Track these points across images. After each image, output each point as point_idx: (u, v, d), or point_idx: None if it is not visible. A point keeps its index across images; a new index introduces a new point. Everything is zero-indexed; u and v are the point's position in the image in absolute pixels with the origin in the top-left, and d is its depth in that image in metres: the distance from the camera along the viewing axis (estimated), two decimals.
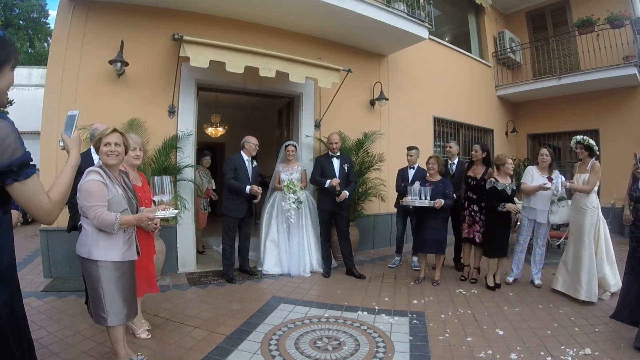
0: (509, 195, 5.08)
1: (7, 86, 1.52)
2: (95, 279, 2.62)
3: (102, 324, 2.69)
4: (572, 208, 4.97)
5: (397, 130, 8.16)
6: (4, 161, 1.41)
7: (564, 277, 4.91)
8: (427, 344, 3.55)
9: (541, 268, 5.41)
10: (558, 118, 10.75)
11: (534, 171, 5.35)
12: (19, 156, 1.45)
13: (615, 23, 8.92)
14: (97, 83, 5.35)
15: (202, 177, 6.70)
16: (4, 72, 1.50)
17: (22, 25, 23.04)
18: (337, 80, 6.42)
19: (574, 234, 4.86)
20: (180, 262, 5.81)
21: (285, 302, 4.60)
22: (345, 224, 5.90)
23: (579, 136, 4.96)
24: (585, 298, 4.51)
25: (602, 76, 9.10)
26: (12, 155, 1.43)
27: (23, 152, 1.47)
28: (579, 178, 4.88)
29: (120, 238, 2.70)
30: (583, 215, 4.74)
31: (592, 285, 4.54)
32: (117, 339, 2.77)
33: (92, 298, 2.68)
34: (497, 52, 11.20)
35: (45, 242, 5.09)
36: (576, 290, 4.63)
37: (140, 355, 3.14)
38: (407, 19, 6.99)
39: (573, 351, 3.37)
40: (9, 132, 1.43)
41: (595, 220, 4.73)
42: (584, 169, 4.88)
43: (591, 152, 4.88)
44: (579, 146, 4.93)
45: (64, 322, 3.73)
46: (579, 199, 4.83)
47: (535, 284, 5.29)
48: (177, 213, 2.98)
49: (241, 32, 6.23)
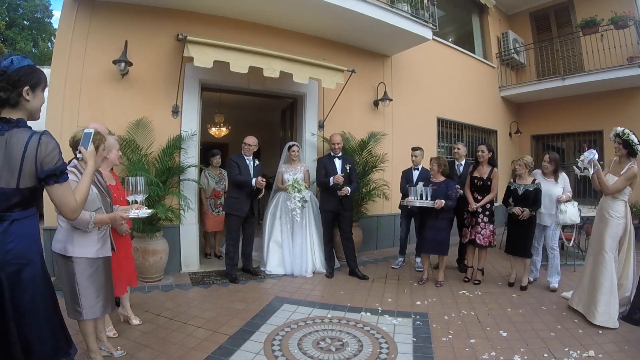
0: (519, 195, 5.13)
1: (40, 104, 1.96)
2: (70, 275, 2.72)
3: (78, 318, 2.76)
4: (596, 214, 4.37)
5: (400, 130, 8.15)
6: (50, 167, 1.84)
7: (579, 294, 4.33)
8: (430, 345, 3.54)
9: (558, 271, 5.26)
10: (562, 119, 10.70)
11: (538, 176, 5.34)
12: (60, 164, 1.89)
13: (620, 24, 8.87)
14: (101, 83, 5.35)
15: (208, 177, 6.58)
16: (37, 92, 1.92)
17: (26, 25, 23.10)
18: (340, 81, 6.42)
19: (593, 245, 4.30)
20: (184, 262, 5.82)
21: (288, 303, 4.60)
22: (348, 224, 5.90)
23: (619, 128, 4.11)
24: (600, 323, 3.90)
25: (606, 77, 9.05)
26: (57, 163, 1.87)
27: (62, 161, 1.91)
28: (609, 179, 4.17)
29: (95, 235, 2.79)
30: (604, 224, 4.12)
31: (610, 309, 3.92)
32: (87, 333, 2.83)
33: (68, 293, 2.75)
34: (501, 52, 11.16)
35: (49, 240, 5.03)
36: (591, 312, 4.03)
37: (120, 350, 3.21)
38: (411, 19, 6.97)
39: (577, 353, 3.36)
40: (55, 146, 1.88)
41: (618, 232, 4.08)
42: (618, 171, 4.14)
43: (631, 151, 4.07)
44: (617, 140, 4.13)
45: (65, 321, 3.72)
46: (603, 204, 4.21)
47: (550, 288, 5.20)
48: (151, 213, 3.02)
49: (245, 33, 6.23)
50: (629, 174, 3.99)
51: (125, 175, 4.52)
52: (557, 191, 5.19)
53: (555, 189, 5.20)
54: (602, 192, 4.26)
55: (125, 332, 3.63)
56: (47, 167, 1.83)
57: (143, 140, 5.35)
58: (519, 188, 5.18)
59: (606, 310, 3.92)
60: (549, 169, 5.25)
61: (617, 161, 4.24)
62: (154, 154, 5.41)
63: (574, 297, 4.42)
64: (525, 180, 5.19)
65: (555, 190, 5.20)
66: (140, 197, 2.86)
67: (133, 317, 3.84)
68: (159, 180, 4.99)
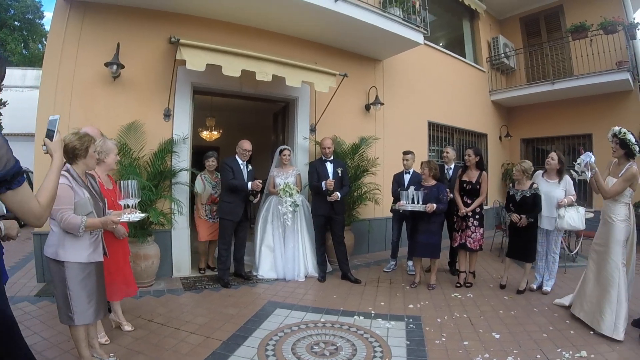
0: (517, 201, 5.15)
1: None
2: (62, 280, 2.69)
3: (69, 323, 2.73)
4: (600, 218, 4.17)
5: (392, 134, 8.19)
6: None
7: (582, 301, 4.15)
8: (424, 348, 3.55)
9: (554, 275, 5.27)
10: (551, 122, 10.82)
11: (539, 177, 5.31)
12: (11, 166, 1.49)
13: (609, 29, 8.99)
14: (93, 85, 5.31)
15: (205, 182, 6.03)
16: None
17: (17, 26, 22.95)
18: (333, 85, 6.43)
19: (597, 248, 4.11)
20: (175, 267, 5.77)
21: (281, 307, 4.58)
22: (340, 228, 5.90)
23: (617, 127, 3.96)
24: (608, 333, 3.70)
25: (595, 81, 9.18)
26: (6, 166, 1.47)
27: (14, 161, 1.51)
28: (608, 181, 4.05)
29: (86, 240, 2.77)
30: (608, 229, 3.98)
31: (616, 319, 3.71)
32: (78, 339, 2.80)
33: (60, 298, 2.72)
34: (491, 57, 11.27)
35: (39, 245, 5.00)
36: (596, 321, 3.84)
37: (112, 356, 3.18)
38: (403, 24, 7.02)
39: (569, 354, 3.39)
40: (2, 144, 1.47)
41: (622, 238, 3.90)
42: (618, 173, 3.99)
43: (628, 151, 3.93)
44: (614, 140, 3.98)
45: (58, 327, 3.65)
46: (605, 207, 4.07)
47: (542, 291, 5.20)
48: (143, 217, 3.00)
49: (237, 36, 6.23)
50: (628, 175, 3.84)
51: (117, 179, 4.49)
52: (558, 194, 5.06)
53: (556, 192, 5.07)
54: (593, 194, 4.23)
55: (118, 339, 3.59)
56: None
57: (135, 143, 5.31)
58: (516, 194, 5.19)
59: (611, 320, 3.72)
60: (552, 165, 5.13)
61: (617, 163, 4.08)
62: (145, 157, 5.37)
63: (576, 304, 4.26)
64: (524, 186, 5.18)
65: (556, 192, 5.07)
66: (131, 201, 2.85)
67: (125, 323, 3.80)
68: (150, 184, 4.97)
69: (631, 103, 9.39)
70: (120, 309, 3.83)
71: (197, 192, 5.91)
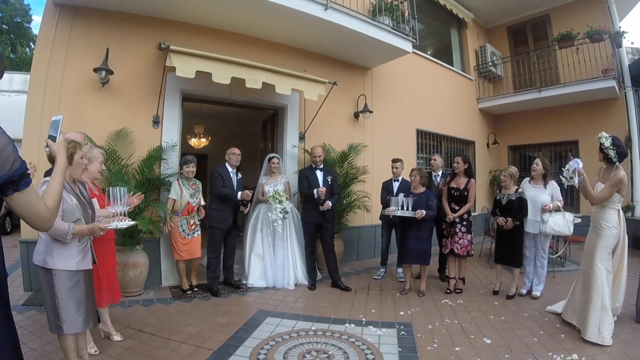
0: (503, 205, 5.25)
1: None
2: (50, 288, 2.63)
3: (58, 332, 2.68)
4: (591, 223, 4.15)
5: (380, 142, 8.23)
6: (4, 172, 1.36)
7: (573, 307, 4.17)
8: (416, 354, 3.55)
9: (543, 280, 5.31)
10: (538, 130, 10.99)
11: (526, 184, 5.40)
12: (18, 167, 1.40)
13: (595, 37, 9.18)
14: (82, 90, 5.25)
15: (183, 187, 5.30)
16: None
17: (5, 30, 22.70)
18: (322, 93, 6.45)
19: (586, 255, 4.11)
20: (164, 275, 5.69)
21: (271, 316, 4.54)
22: (330, 236, 5.89)
23: (603, 133, 3.96)
24: (589, 338, 3.72)
25: (581, 89, 9.35)
26: (12, 166, 1.38)
27: (21, 162, 1.42)
28: (598, 187, 4.02)
29: (75, 247, 2.72)
30: (596, 235, 3.98)
31: (600, 325, 3.71)
32: (67, 349, 2.74)
33: (49, 307, 2.67)
34: (479, 65, 11.42)
35: (26, 253, 4.90)
36: (584, 326, 3.83)
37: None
38: (392, 32, 7.08)
39: (560, 357, 3.42)
40: (7, 142, 1.37)
41: (610, 243, 3.92)
42: (607, 178, 3.96)
43: (605, 156, 3.96)
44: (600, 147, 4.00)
45: (46, 337, 3.58)
46: (594, 214, 4.08)
47: (532, 295, 5.23)
48: (132, 224, 2.96)
49: (227, 43, 6.22)
50: (614, 180, 3.83)
51: (105, 186, 4.43)
52: (544, 198, 5.16)
53: (542, 196, 5.18)
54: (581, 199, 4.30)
55: (107, 349, 3.52)
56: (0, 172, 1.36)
57: (123, 150, 5.25)
58: (502, 198, 5.29)
59: (596, 326, 3.71)
60: (537, 171, 5.26)
61: (606, 169, 4.07)
62: (134, 164, 5.32)
63: (567, 310, 4.27)
64: (510, 190, 5.28)
65: (541, 197, 5.17)
66: (119, 208, 2.81)
67: (114, 333, 3.73)
68: (139, 191, 4.90)
69: (617, 110, 9.57)
70: (109, 318, 3.77)
71: (171, 198, 5.25)
